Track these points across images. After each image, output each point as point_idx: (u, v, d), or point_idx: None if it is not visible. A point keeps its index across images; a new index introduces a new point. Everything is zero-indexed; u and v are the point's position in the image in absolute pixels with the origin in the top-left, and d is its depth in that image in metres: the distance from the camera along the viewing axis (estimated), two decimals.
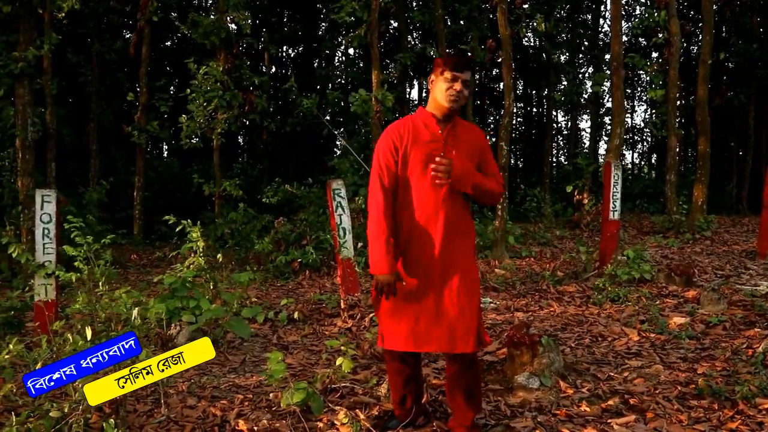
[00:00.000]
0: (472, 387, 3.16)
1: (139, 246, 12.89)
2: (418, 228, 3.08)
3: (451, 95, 2.99)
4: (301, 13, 19.45)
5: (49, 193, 5.47)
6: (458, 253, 3.07)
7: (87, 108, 15.69)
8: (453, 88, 2.99)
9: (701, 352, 4.68)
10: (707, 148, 12.37)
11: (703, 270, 8.03)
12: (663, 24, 12.38)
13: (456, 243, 3.06)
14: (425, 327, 3.04)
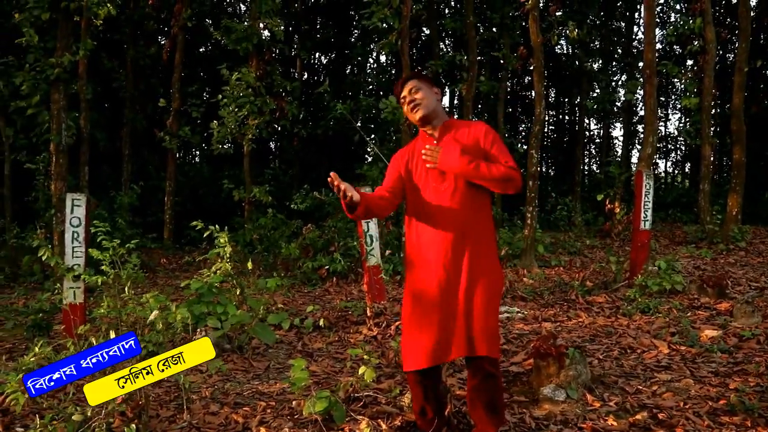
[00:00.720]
0: (493, 400, 3.10)
1: (168, 250, 13.02)
2: (426, 234, 3.10)
3: (408, 107, 3.16)
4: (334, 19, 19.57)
5: (79, 196, 5.54)
6: (472, 255, 3.03)
7: (120, 113, 15.94)
8: (405, 101, 3.17)
9: (733, 366, 4.55)
10: (743, 157, 12.11)
11: (737, 282, 7.84)
12: (698, 31, 12.18)
13: (469, 245, 3.03)
14: (443, 338, 3.01)
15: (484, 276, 3.03)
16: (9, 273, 9.99)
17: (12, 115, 12.69)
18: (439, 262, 3.03)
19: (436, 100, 3.18)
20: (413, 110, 3.14)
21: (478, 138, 3.10)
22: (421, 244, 3.11)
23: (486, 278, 3.03)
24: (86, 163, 12.23)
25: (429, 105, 3.14)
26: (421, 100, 3.13)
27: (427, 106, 3.13)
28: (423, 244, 3.10)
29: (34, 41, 9.43)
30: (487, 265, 3.06)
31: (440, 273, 3.03)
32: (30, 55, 10.08)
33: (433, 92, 3.20)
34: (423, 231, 3.11)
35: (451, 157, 2.99)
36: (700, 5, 11.76)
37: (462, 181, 3.05)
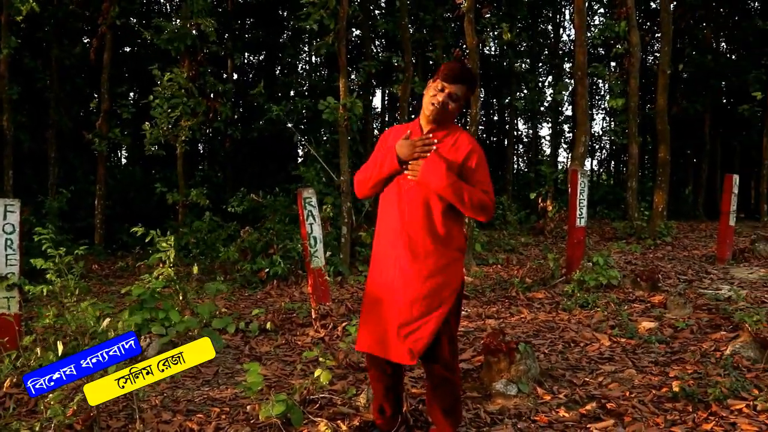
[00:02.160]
0: (450, 403, 3.13)
1: (100, 256, 12.60)
2: (385, 225, 3.11)
3: (432, 103, 2.98)
4: (264, 20, 19.35)
5: (13, 202, 5.30)
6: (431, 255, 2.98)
7: (45, 114, 15.32)
8: (435, 98, 2.97)
9: (671, 355, 4.77)
10: (667, 156, 12.64)
11: (667, 275, 8.19)
12: (623, 35, 12.64)
13: (429, 244, 2.98)
14: (388, 332, 3.03)
15: (431, 279, 2.98)
16: None
17: None
18: (395, 257, 3.04)
19: (454, 116, 3.08)
20: (432, 111, 2.97)
21: (464, 154, 3.01)
22: (382, 234, 3.12)
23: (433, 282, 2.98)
24: (10, 166, 11.72)
25: (448, 118, 3.04)
26: (449, 112, 3.00)
27: (444, 115, 3.00)
28: (384, 235, 3.11)
29: None
30: (437, 269, 2.99)
31: (394, 268, 3.03)
32: None
33: (461, 107, 3.08)
34: (386, 221, 3.11)
35: (435, 175, 2.90)
36: (625, 10, 12.21)
37: None
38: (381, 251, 3.12)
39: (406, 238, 3.00)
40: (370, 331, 3.11)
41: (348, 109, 9.64)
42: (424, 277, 2.97)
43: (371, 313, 3.13)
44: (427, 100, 3.01)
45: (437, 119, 3.02)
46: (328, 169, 11.30)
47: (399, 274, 3.01)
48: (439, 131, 3.07)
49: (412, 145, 2.97)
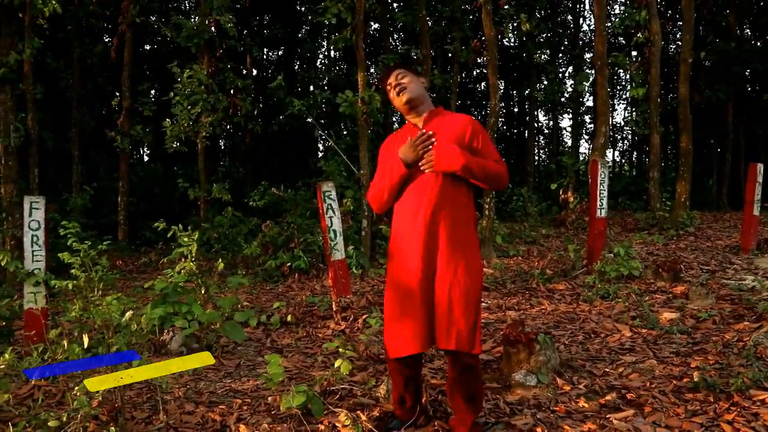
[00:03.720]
0: (472, 390, 3.15)
1: (124, 252, 12.78)
2: (403, 218, 3.11)
3: (395, 91, 3.13)
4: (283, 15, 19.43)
5: (38, 199, 5.41)
6: (451, 247, 3.00)
7: (68, 113, 15.54)
8: (392, 92, 3.16)
9: (693, 346, 4.73)
10: (689, 145, 12.51)
11: (689, 266, 8.12)
12: (644, 23, 12.51)
13: (448, 237, 3.00)
14: (422, 328, 3.02)
15: (463, 268, 3.01)
16: None
17: None
18: (418, 253, 3.03)
19: (420, 87, 3.17)
20: (399, 94, 3.10)
21: (465, 131, 3.08)
22: (401, 233, 3.12)
23: (464, 271, 3.01)
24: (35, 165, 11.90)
25: (415, 90, 3.13)
26: (407, 84, 3.12)
27: (413, 90, 3.11)
28: (403, 233, 3.10)
29: None
30: (466, 258, 3.03)
31: (418, 263, 3.03)
32: None
33: (419, 80, 3.19)
34: (403, 220, 3.11)
35: (450, 159, 2.94)
36: None
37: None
38: (401, 244, 3.12)
39: (426, 227, 3.01)
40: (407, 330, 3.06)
41: (366, 102, 9.65)
42: (453, 264, 3.00)
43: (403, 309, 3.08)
44: (394, 101, 3.18)
45: (410, 99, 3.11)
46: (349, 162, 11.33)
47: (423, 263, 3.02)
48: (431, 120, 3.16)
49: (412, 146, 3.02)
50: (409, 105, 3.12)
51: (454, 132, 3.07)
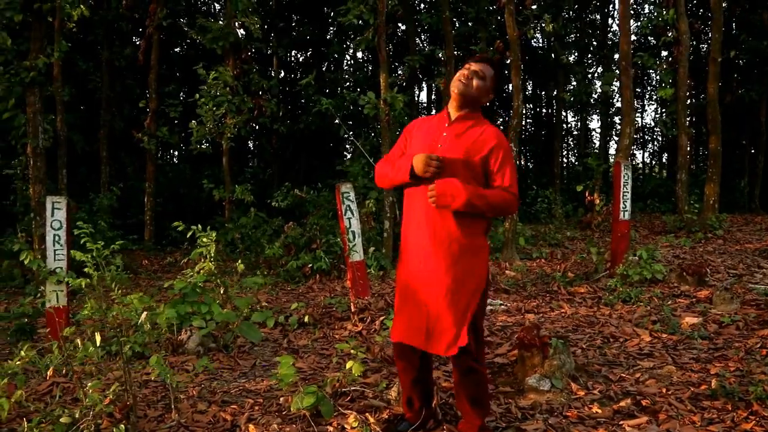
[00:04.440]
0: (477, 393, 3.12)
1: (150, 251, 12.94)
2: (414, 216, 3.09)
3: (459, 80, 3.03)
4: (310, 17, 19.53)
5: (60, 199, 5.50)
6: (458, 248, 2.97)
7: (97, 115, 15.80)
8: (462, 74, 3.04)
9: (714, 352, 4.64)
10: (718, 147, 12.29)
11: (716, 269, 7.96)
12: (672, 22, 12.32)
13: (456, 237, 2.97)
14: (422, 324, 3.03)
15: (462, 272, 2.98)
16: None
17: None
18: (424, 251, 3.03)
19: (482, 97, 3.09)
20: (460, 84, 3.02)
21: (486, 145, 3.01)
22: (410, 227, 3.12)
23: (463, 275, 2.98)
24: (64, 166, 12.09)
25: (472, 93, 3.03)
26: (478, 82, 3.03)
27: (470, 92, 3.02)
28: (411, 229, 3.10)
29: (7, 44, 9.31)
30: (468, 264, 3.00)
31: (423, 262, 3.03)
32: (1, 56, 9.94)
33: (488, 89, 3.10)
34: (412, 214, 3.10)
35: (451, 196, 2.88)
36: None
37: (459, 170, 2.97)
38: (408, 242, 3.13)
39: (431, 229, 3.00)
40: (404, 322, 3.11)
41: (388, 104, 9.65)
42: (449, 267, 2.97)
43: (404, 305, 3.13)
44: (453, 80, 3.06)
45: (464, 95, 3.03)
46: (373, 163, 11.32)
47: (425, 264, 3.02)
48: (467, 120, 3.07)
49: (427, 162, 2.93)
50: (461, 97, 3.04)
51: (475, 143, 3.01)
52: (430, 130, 3.12)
